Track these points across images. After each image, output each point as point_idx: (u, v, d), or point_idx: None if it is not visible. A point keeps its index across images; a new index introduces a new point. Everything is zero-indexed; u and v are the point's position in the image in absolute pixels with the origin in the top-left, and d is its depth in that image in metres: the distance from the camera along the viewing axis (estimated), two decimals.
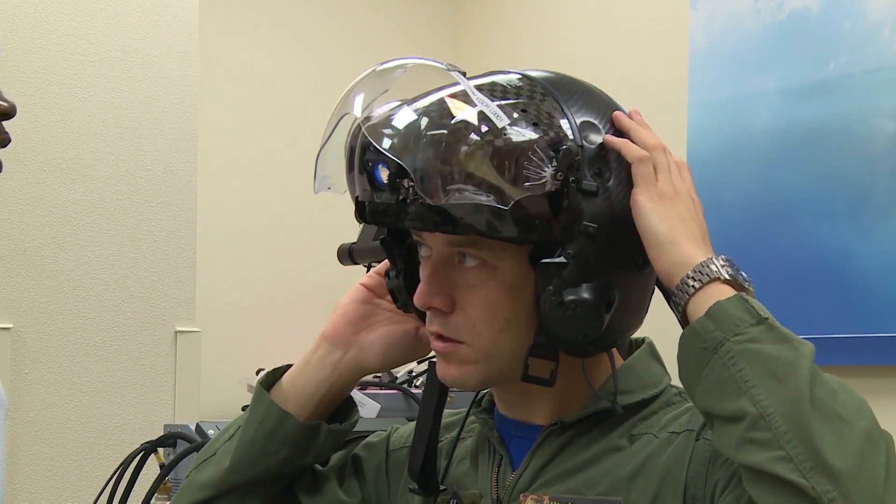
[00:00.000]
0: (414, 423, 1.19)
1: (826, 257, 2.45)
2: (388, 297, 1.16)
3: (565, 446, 1.06)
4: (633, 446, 1.04)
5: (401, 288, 1.12)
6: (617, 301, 1.01)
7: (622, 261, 1.02)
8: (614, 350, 1.10)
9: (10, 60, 2.36)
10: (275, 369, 1.18)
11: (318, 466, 1.21)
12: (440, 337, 1.05)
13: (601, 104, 1.05)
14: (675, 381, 1.11)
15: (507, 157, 0.96)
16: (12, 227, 2.35)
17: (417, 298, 1.04)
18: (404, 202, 0.98)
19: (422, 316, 1.11)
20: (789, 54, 2.56)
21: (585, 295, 0.98)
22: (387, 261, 1.15)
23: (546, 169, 0.97)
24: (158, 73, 2.55)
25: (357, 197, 1.04)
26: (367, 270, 2.65)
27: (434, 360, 1.12)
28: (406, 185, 0.97)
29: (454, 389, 1.18)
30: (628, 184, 1.02)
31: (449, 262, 1.03)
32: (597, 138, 1.02)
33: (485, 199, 0.95)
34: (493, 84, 1.02)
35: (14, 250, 2.34)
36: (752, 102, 2.62)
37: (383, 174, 0.99)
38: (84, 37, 2.46)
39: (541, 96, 1.02)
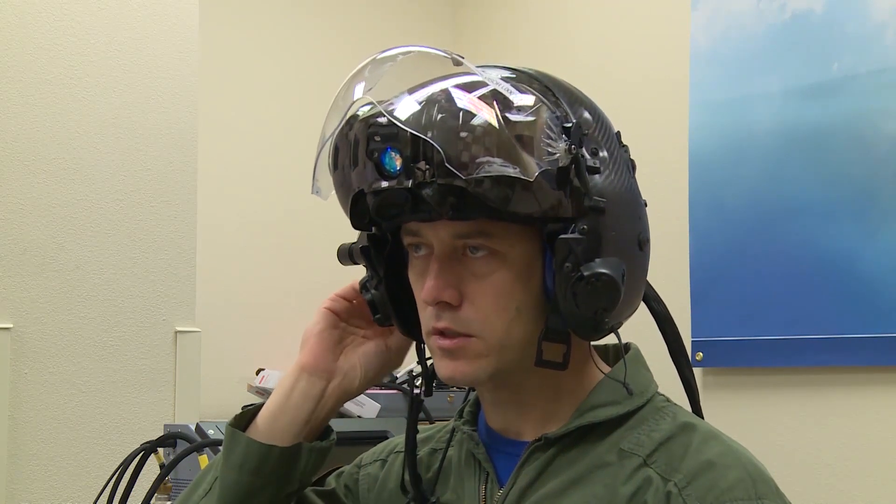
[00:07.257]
0: (388, 440, 1.20)
1: (830, 258, 2.45)
2: (352, 319, 1.14)
3: (550, 463, 1.04)
4: (621, 463, 1.02)
5: (384, 298, 1.10)
6: (626, 278, 1.00)
7: (626, 238, 1.02)
8: (599, 359, 1.09)
9: (10, 60, 2.36)
10: (243, 412, 1.13)
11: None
12: (444, 334, 1.02)
13: (570, 88, 1.06)
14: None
15: (527, 130, 0.96)
16: (12, 227, 2.34)
17: (427, 294, 1.01)
18: (419, 187, 0.96)
19: (406, 324, 1.10)
20: (792, 55, 2.55)
21: (605, 269, 0.98)
22: (351, 282, 1.14)
23: (559, 144, 0.97)
24: (158, 73, 2.54)
25: (355, 194, 1.01)
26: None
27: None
28: (422, 168, 0.95)
29: (453, 390, 1.17)
30: (620, 161, 1.03)
31: (454, 256, 1.02)
32: (588, 117, 1.02)
33: (512, 170, 0.94)
34: (487, 69, 1.01)
35: (14, 250, 2.34)
36: (754, 103, 2.61)
37: (396, 160, 0.96)
38: (84, 37, 2.45)
39: (528, 79, 1.03)
